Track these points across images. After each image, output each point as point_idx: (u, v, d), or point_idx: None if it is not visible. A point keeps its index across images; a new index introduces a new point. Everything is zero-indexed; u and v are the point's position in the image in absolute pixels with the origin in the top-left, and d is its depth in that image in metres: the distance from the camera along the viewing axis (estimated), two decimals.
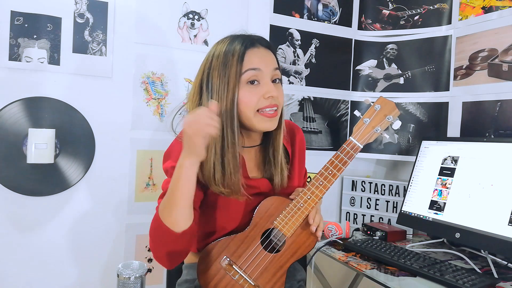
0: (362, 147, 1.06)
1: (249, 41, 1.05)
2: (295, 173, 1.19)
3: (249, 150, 1.13)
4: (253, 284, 1.05)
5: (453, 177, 1.52)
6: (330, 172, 1.05)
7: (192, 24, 1.75)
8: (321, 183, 1.05)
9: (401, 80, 1.98)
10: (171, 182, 0.95)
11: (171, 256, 1.01)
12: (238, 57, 1.01)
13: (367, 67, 2.06)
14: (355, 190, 2.01)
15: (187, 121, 0.91)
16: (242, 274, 1.05)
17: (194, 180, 0.95)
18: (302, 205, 1.04)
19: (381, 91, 2.02)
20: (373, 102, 1.08)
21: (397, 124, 1.06)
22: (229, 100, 1.01)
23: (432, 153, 1.64)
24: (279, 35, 1.91)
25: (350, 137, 1.06)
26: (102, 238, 1.65)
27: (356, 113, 1.09)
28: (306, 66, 1.98)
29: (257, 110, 1.03)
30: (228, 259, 1.06)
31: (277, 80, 1.08)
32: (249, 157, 1.13)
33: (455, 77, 1.78)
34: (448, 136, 1.79)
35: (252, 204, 1.09)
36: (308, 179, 1.29)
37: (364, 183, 1.99)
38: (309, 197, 1.04)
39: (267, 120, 1.04)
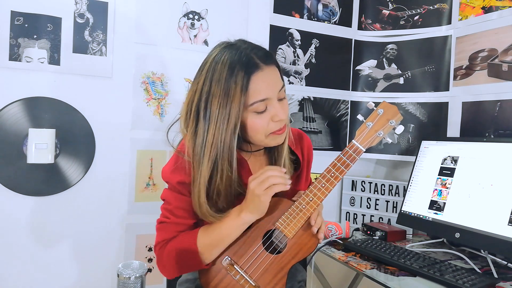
0: (364, 150, 1.05)
1: (251, 64, 0.96)
2: (303, 179, 1.19)
3: (254, 154, 1.13)
4: (253, 284, 1.05)
5: (453, 177, 1.52)
6: (332, 174, 1.04)
7: (192, 24, 1.75)
8: (323, 185, 1.04)
9: (401, 80, 1.98)
10: (222, 227, 1.02)
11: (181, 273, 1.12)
12: (241, 87, 0.94)
13: (367, 67, 2.06)
14: (355, 190, 2.01)
15: (255, 182, 0.96)
16: (243, 274, 1.05)
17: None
18: (304, 206, 1.04)
19: (381, 91, 2.02)
20: (376, 106, 1.08)
21: (399, 129, 1.06)
22: (229, 132, 0.96)
23: (432, 153, 1.64)
24: (279, 35, 1.91)
25: (353, 140, 1.05)
26: (102, 238, 1.65)
27: (359, 117, 1.09)
28: (306, 66, 1.98)
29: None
30: (229, 258, 1.06)
31: (283, 98, 1.04)
32: (255, 161, 1.13)
33: (455, 77, 1.79)
34: (448, 136, 1.79)
35: None
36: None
37: (364, 183, 1.99)
38: (311, 199, 1.04)
39: (277, 137, 1.04)
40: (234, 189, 1.03)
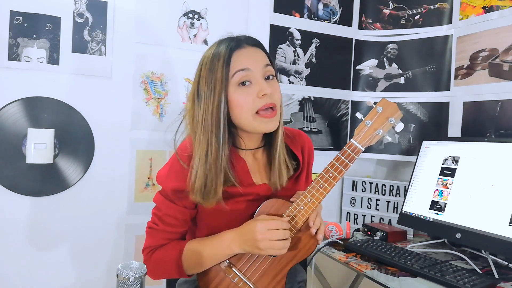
0: (363, 149, 1.03)
1: (234, 43, 1.01)
2: (302, 180, 1.18)
3: (252, 153, 1.12)
4: (252, 287, 1.04)
5: (453, 177, 1.52)
6: (331, 174, 1.03)
7: (192, 24, 1.75)
8: (321, 185, 1.03)
9: (402, 80, 1.97)
10: (209, 251, 1.04)
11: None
12: (224, 61, 0.98)
13: (368, 66, 2.05)
14: (356, 190, 2.01)
15: (264, 235, 0.97)
16: (241, 276, 1.05)
17: None
18: (302, 207, 1.03)
19: (381, 91, 2.02)
20: (375, 104, 1.06)
21: (399, 127, 1.04)
22: (215, 105, 0.98)
23: (433, 153, 1.63)
24: (279, 35, 1.90)
25: (351, 140, 1.04)
26: (101, 239, 1.64)
27: (358, 115, 1.07)
28: (307, 65, 1.97)
29: (256, 112, 1.00)
30: (227, 261, 1.06)
31: (271, 77, 1.04)
32: (252, 160, 1.11)
33: (455, 77, 1.78)
34: (448, 136, 1.78)
35: (252, 208, 1.07)
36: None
37: (365, 183, 1.98)
38: (309, 199, 1.03)
39: (267, 121, 1.01)
40: (222, 170, 1.01)
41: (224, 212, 1.04)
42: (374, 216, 1.95)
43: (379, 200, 1.94)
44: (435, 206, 1.54)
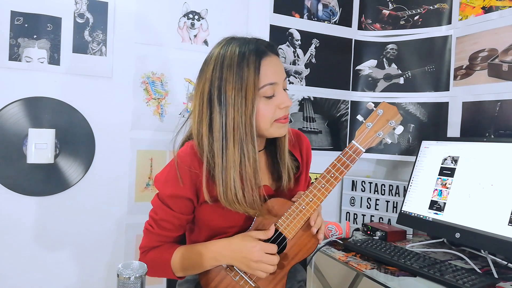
0: (364, 151, 1.05)
1: (260, 50, 1.00)
2: (302, 180, 1.19)
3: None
4: (253, 285, 1.05)
5: (453, 177, 1.52)
6: (332, 175, 1.04)
7: (192, 24, 1.75)
8: (323, 186, 1.04)
9: (401, 80, 1.98)
10: (196, 257, 1.05)
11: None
12: (254, 69, 0.97)
13: (367, 67, 2.06)
14: (355, 190, 2.01)
15: (262, 258, 0.99)
16: (243, 275, 1.05)
17: None
18: (304, 207, 1.04)
19: (381, 91, 2.02)
20: (375, 107, 1.08)
21: (399, 129, 1.06)
22: (248, 114, 0.97)
23: (432, 153, 1.64)
24: (279, 35, 1.91)
25: (353, 141, 1.06)
26: (102, 238, 1.65)
27: (359, 117, 1.09)
28: (306, 66, 1.97)
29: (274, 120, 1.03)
30: None
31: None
32: None
33: (455, 77, 1.78)
34: (448, 136, 1.79)
35: None
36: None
37: (364, 183, 1.99)
38: (311, 199, 1.04)
39: (282, 126, 1.04)
40: (259, 179, 1.02)
41: (226, 212, 1.04)
42: (373, 216, 1.96)
43: (378, 199, 1.95)
44: (435, 205, 1.54)
